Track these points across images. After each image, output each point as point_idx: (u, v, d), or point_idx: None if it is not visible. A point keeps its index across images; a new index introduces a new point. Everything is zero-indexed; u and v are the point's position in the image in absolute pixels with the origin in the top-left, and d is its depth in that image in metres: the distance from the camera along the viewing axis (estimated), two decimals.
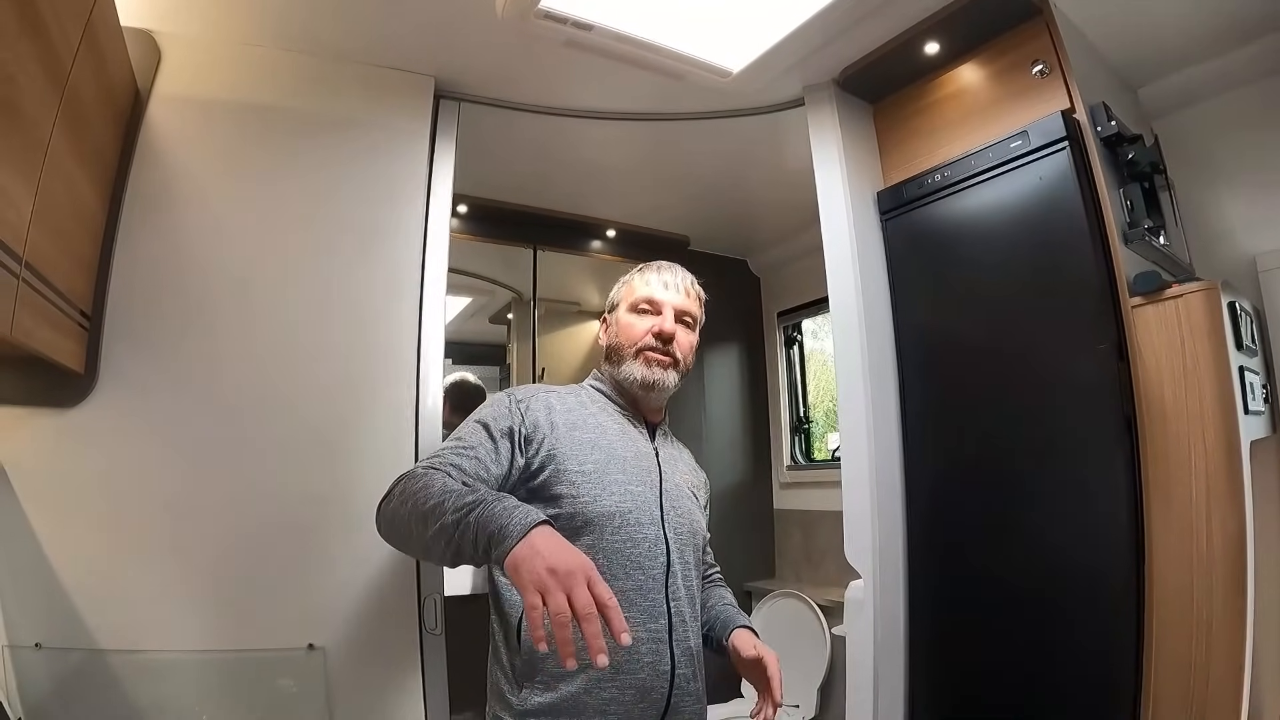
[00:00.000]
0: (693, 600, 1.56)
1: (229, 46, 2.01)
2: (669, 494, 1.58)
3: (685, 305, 1.69)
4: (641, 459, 1.59)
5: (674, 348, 1.64)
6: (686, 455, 1.82)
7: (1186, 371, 1.73)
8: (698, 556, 1.63)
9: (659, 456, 1.64)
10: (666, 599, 1.48)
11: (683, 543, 1.56)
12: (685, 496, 1.63)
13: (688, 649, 1.50)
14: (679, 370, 1.66)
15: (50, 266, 1.42)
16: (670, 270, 1.72)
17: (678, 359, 1.65)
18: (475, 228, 3.29)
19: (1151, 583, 1.71)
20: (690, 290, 1.72)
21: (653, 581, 1.47)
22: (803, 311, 4.02)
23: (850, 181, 2.28)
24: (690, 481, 1.71)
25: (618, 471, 1.52)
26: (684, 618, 1.51)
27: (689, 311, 1.70)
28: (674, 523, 1.55)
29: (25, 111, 1.26)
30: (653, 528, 1.50)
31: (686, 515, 1.60)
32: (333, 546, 1.84)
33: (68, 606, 1.60)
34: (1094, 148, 1.89)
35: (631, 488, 1.51)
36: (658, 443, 1.68)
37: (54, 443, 1.67)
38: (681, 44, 2.08)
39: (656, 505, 1.54)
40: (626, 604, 1.40)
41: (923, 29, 2.09)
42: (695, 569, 1.61)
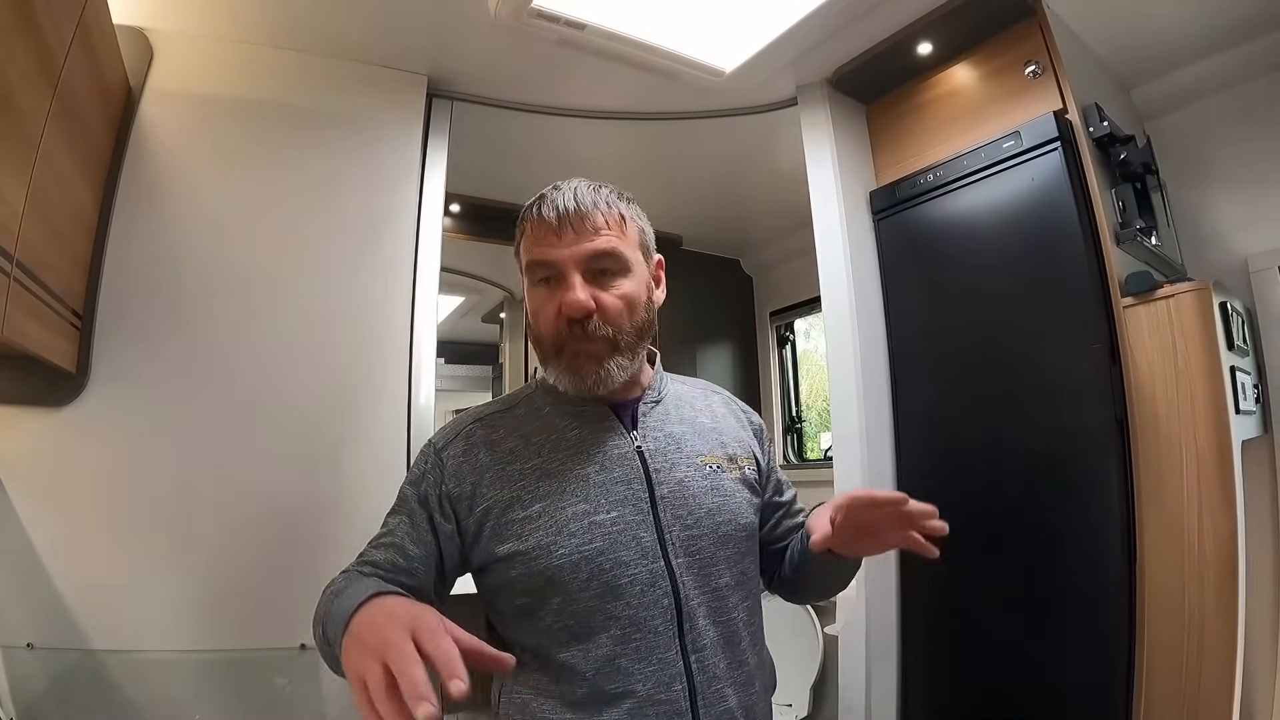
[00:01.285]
0: (732, 640, 1.15)
1: (221, 44, 2.00)
2: (669, 499, 1.14)
3: (599, 245, 1.12)
4: (615, 466, 1.16)
5: (595, 325, 1.11)
6: (711, 405, 1.32)
7: (1178, 371, 1.73)
8: (744, 560, 1.20)
9: (644, 451, 1.17)
10: (683, 653, 1.09)
11: (706, 561, 1.14)
12: (703, 486, 1.18)
13: (726, 713, 1.11)
14: (623, 346, 1.14)
15: (42, 265, 1.41)
16: (562, 195, 1.15)
17: (611, 336, 1.13)
18: (467, 226, 3.28)
19: (1143, 582, 1.72)
20: (600, 212, 1.14)
21: (656, 637, 1.09)
22: (795, 311, 4.02)
23: (843, 181, 2.28)
24: (716, 450, 1.23)
25: (576, 500, 1.12)
26: (715, 672, 1.11)
27: (606, 250, 1.13)
28: (684, 539, 1.13)
29: (17, 108, 1.26)
30: (644, 563, 1.10)
31: (708, 515, 1.16)
32: (325, 544, 1.84)
33: (60, 606, 1.60)
34: (1086, 148, 1.89)
35: (599, 517, 1.11)
36: (644, 426, 1.20)
37: (45, 442, 1.67)
38: (674, 43, 2.08)
39: (647, 526, 1.12)
40: (622, 674, 1.08)
41: (916, 29, 2.09)
42: (740, 587, 1.18)
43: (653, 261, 1.25)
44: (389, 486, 1.89)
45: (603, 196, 1.17)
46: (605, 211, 1.15)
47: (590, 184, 1.18)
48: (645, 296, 1.18)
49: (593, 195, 1.15)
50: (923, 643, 2.13)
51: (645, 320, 1.18)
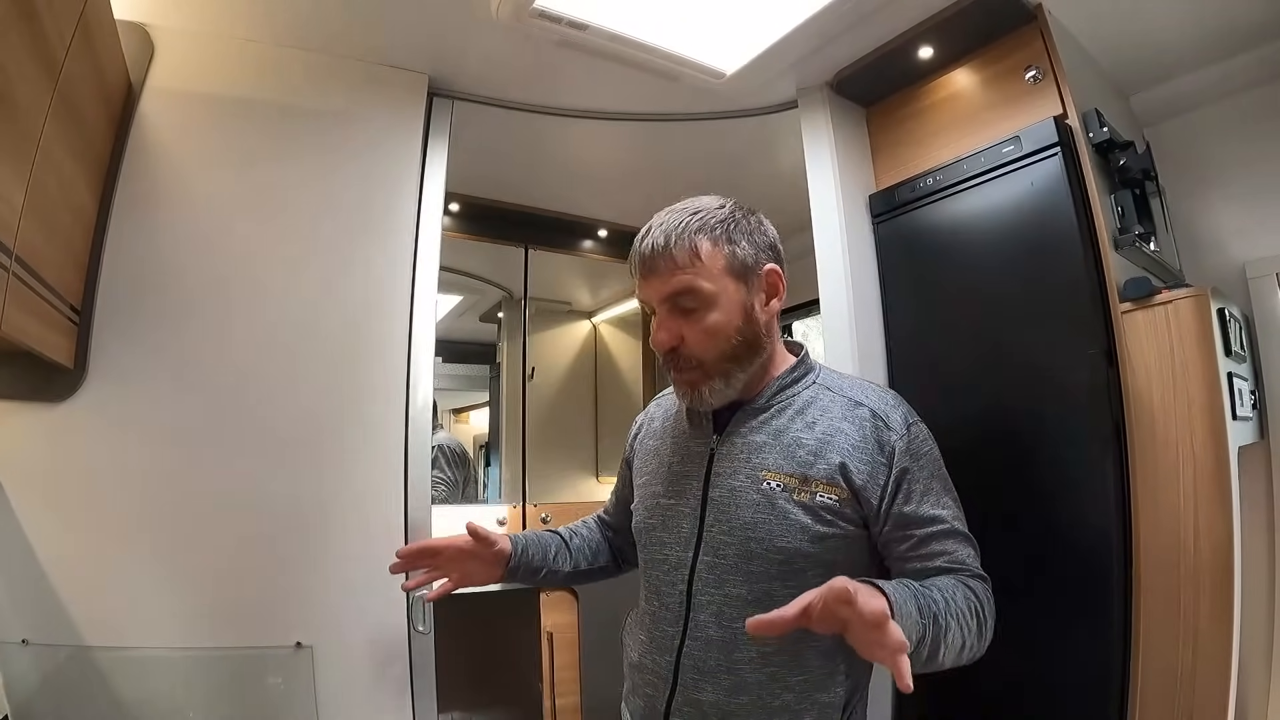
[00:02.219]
0: (730, 646, 1.22)
1: (223, 41, 2.00)
2: (716, 502, 1.27)
3: (676, 284, 1.23)
4: (690, 461, 1.34)
5: (683, 358, 1.26)
6: (834, 419, 1.30)
7: (1175, 377, 1.73)
8: (773, 582, 1.22)
9: (714, 456, 1.31)
10: (683, 635, 1.26)
11: (727, 568, 1.23)
12: (752, 499, 1.24)
13: (696, 702, 1.23)
14: (715, 372, 1.26)
15: (40, 260, 1.41)
16: (650, 235, 1.28)
17: (700, 364, 1.26)
18: (467, 226, 3.28)
19: (1139, 587, 1.72)
20: (670, 257, 1.24)
21: (668, 611, 1.29)
22: (793, 313, 4.00)
23: (842, 184, 2.28)
24: (790, 467, 1.25)
25: (658, 480, 1.38)
26: (700, 665, 1.24)
27: (681, 290, 1.23)
28: (717, 541, 1.25)
29: (17, 103, 1.25)
30: (677, 548, 1.29)
31: (743, 527, 1.23)
32: (321, 544, 1.84)
33: (55, 602, 1.59)
34: (1086, 154, 1.89)
35: (663, 500, 1.34)
36: (730, 431, 1.32)
37: (42, 438, 1.66)
38: (676, 45, 2.08)
39: (692, 519, 1.29)
40: (644, 627, 1.36)
41: (917, 34, 2.09)
42: (758, 604, 1.17)
43: (757, 276, 1.30)
44: (387, 484, 1.91)
45: (683, 231, 1.25)
46: (683, 248, 1.24)
47: (679, 217, 1.28)
48: (738, 322, 1.26)
49: (672, 233, 1.25)
50: None
51: (741, 343, 1.26)
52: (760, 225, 1.36)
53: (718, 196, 1.36)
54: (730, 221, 1.29)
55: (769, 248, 1.34)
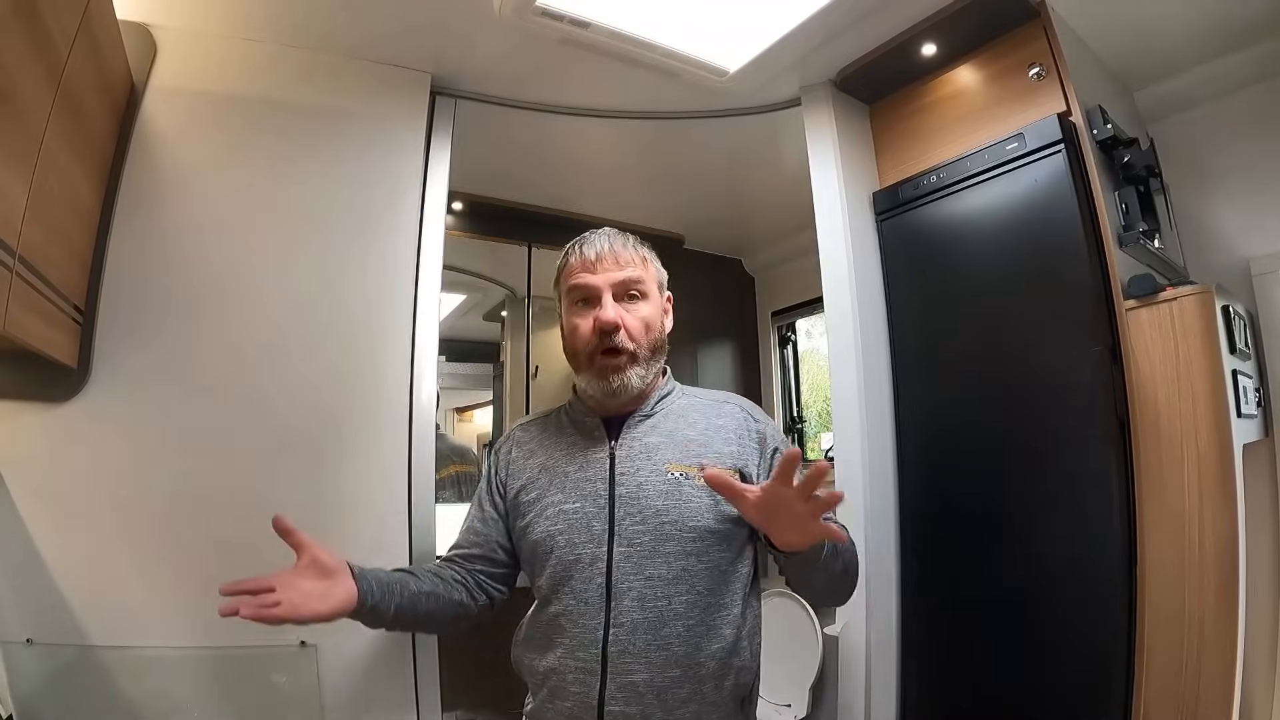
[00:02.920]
0: (658, 624, 1.33)
1: (225, 40, 2.00)
2: (625, 498, 1.39)
3: (627, 275, 1.45)
4: (590, 467, 1.44)
5: (621, 339, 1.41)
6: (710, 419, 1.50)
7: (1180, 374, 1.73)
8: (690, 559, 1.36)
9: (616, 456, 1.44)
10: (606, 625, 1.34)
11: (646, 553, 1.35)
12: (659, 490, 1.39)
13: (629, 685, 1.31)
14: (641, 359, 1.44)
15: (44, 260, 1.41)
16: (597, 238, 1.48)
17: (632, 350, 1.43)
18: (470, 224, 3.28)
19: (1144, 584, 1.72)
20: (627, 252, 1.47)
21: (585, 606, 1.35)
22: (797, 311, 4.02)
23: (846, 182, 2.28)
24: (687, 460, 1.42)
25: (557, 490, 1.44)
26: (629, 649, 1.32)
27: (632, 280, 1.45)
28: (631, 532, 1.36)
29: (20, 103, 1.26)
30: (589, 546, 1.37)
31: (655, 514, 1.37)
32: (326, 541, 1.83)
33: (59, 602, 1.59)
34: (1090, 151, 1.89)
35: (567, 506, 1.41)
36: (625, 436, 1.46)
37: (46, 437, 1.66)
38: (678, 43, 2.07)
39: (602, 518, 1.38)
40: (559, 631, 1.38)
41: (920, 31, 2.09)
42: (681, 581, 1.35)
43: (664, 296, 1.56)
44: (391, 483, 1.91)
45: (628, 241, 1.50)
46: (631, 251, 1.49)
47: (617, 233, 1.51)
48: (659, 321, 1.51)
49: (621, 239, 1.50)
50: (922, 643, 2.13)
51: (659, 340, 1.50)
52: None
53: None
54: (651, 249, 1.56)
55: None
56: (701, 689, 1.34)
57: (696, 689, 1.34)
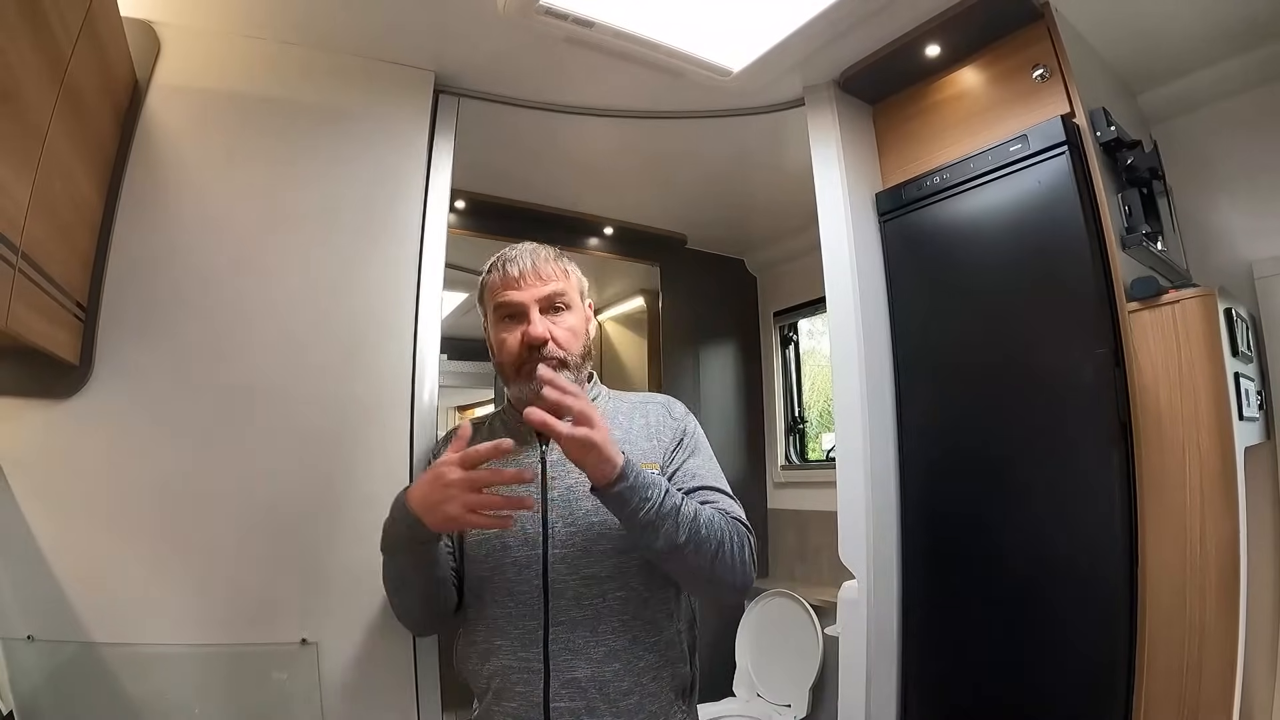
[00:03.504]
0: (595, 621, 1.39)
1: (229, 38, 2.00)
2: (557, 501, 1.44)
3: (550, 289, 1.50)
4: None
5: (550, 349, 1.47)
6: (633, 420, 1.56)
7: (1182, 377, 1.73)
8: (623, 556, 1.41)
9: (547, 460, 1.47)
10: (545, 624, 1.38)
11: (579, 553, 1.40)
12: (588, 491, 1.34)
13: (572, 681, 1.36)
14: (570, 365, 1.49)
15: (46, 257, 1.41)
16: (519, 255, 1.52)
17: (562, 356, 1.47)
18: (472, 223, 3.28)
19: (1145, 586, 1.72)
20: (548, 267, 1.52)
21: (523, 607, 1.40)
22: (799, 311, 4.02)
23: (849, 182, 2.28)
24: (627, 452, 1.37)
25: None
26: (569, 645, 1.37)
27: (556, 293, 1.50)
28: (565, 534, 1.41)
29: (23, 100, 1.26)
30: (525, 549, 1.42)
31: (585, 515, 1.42)
32: (326, 540, 1.84)
33: (61, 599, 1.60)
34: (1093, 152, 1.89)
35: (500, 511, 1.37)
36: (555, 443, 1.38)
37: (48, 434, 1.66)
38: (682, 42, 2.08)
39: (535, 521, 1.42)
40: (499, 632, 1.42)
41: (924, 31, 2.09)
42: (616, 579, 1.41)
43: (586, 304, 1.62)
44: (392, 481, 1.91)
45: (549, 255, 1.55)
46: (554, 266, 1.54)
47: (537, 247, 1.56)
48: (584, 329, 1.57)
49: (544, 254, 1.55)
50: (923, 644, 2.13)
51: (586, 347, 1.56)
52: None
53: None
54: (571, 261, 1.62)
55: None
56: (641, 680, 1.40)
57: (636, 681, 1.40)
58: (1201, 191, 2.34)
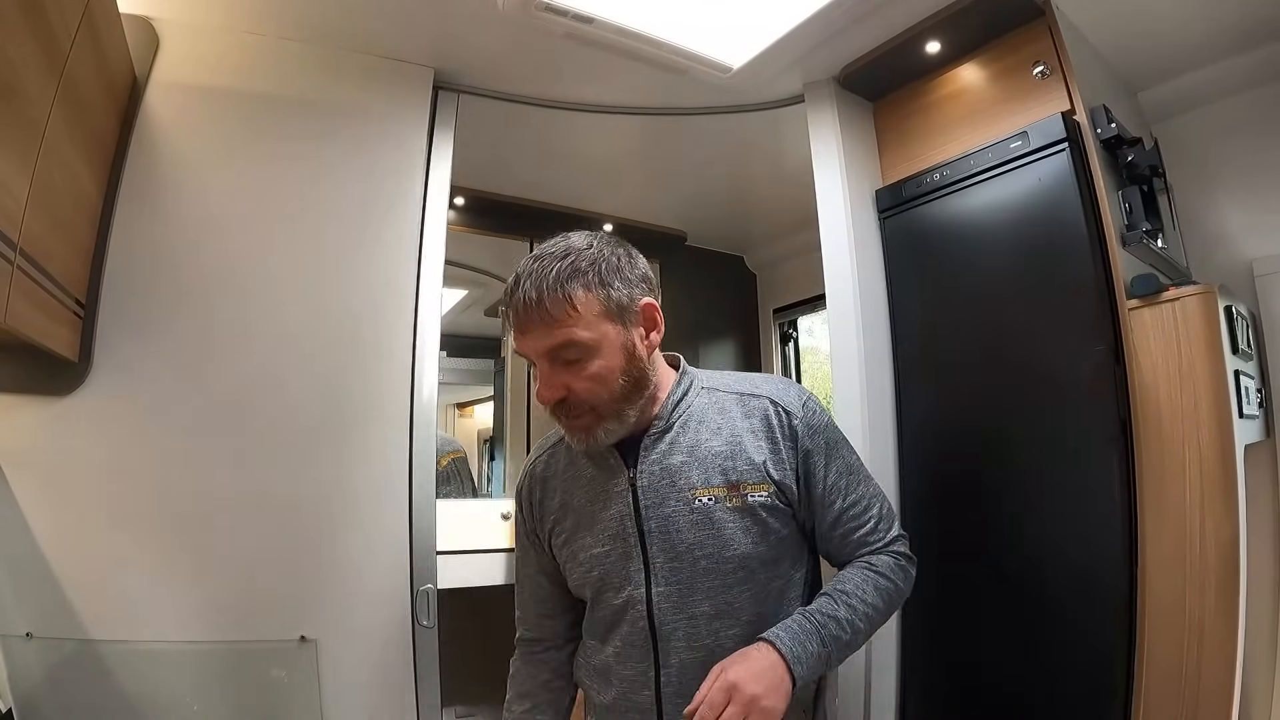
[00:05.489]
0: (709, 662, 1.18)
1: (227, 34, 1.99)
2: (655, 533, 1.26)
3: (557, 339, 1.19)
4: (613, 502, 1.29)
5: (573, 406, 1.23)
6: (734, 420, 1.32)
7: (1182, 375, 1.73)
8: (732, 591, 1.25)
9: (638, 487, 1.28)
10: (656, 666, 1.26)
11: (686, 590, 1.24)
12: (689, 520, 1.25)
13: None
14: (607, 414, 1.24)
15: (45, 253, 1.41)
16: (517, 295, 1.21)
17: (592, 408, 1.23)
18: (472, 220, 3.27)
19: (1144, 584, 1.72)
20: (545, 311, 1.18)
21: (632, 649, 1.28)
22: (799, 309, 4.01)
23: (849, 179, 2.28)
24: (715, 479, 1.27)
25: (584, 532, 1.32)
26: (682, 689, 1.22)
27: (564, 343, 1.19)
28: (668, 569, 1.25)
29: (22, 95, 1.25)
30: (628, 588, 1.27)
31: (688, 549, 1.24)
32: (325, 537, 1.84)
33: (59, 596, 1.60)
34: (1094, 150, 1.89)
35: (597, 550, 1.29)
36: (644, 461, 1.29)
37: (47, 431, 1.67)
38: (682, 39, 2.07)
39: (635, 557, 1.26)
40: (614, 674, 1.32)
41: (924, 28, 2.09)
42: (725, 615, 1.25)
43: (634, 314, 1.26)
44: (391, 478, 1.91)
45: (555, 282, 1.18)
46: (558, 301, 1.18)
47: (549, 264, 1.20)
48: (621, 362, 1.23)
49: (544, 285, 1.18)
50: (923, 641, 2.13)
51: (628, 383, 1.24)
52: (631, 260, 1.30)
53: (585, 233, 1.29)
54: (601, 262, 1.23)
55: (642, 280, 1.29)
56: None
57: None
58: (1202, 190, 2.34)
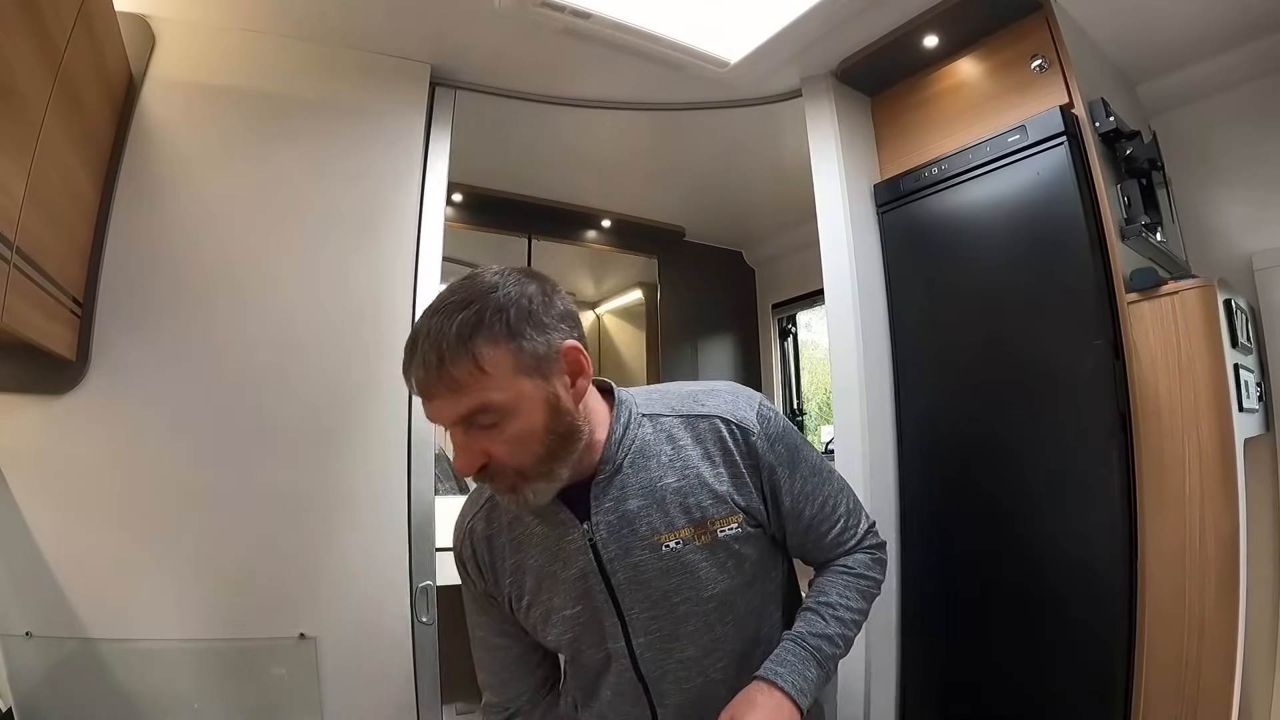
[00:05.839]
0: (706, 699, 1.18)
1: (224, 31, 1.99)
2: (625, 586, 1.16)
3: (466, 405, 1.03)
4: (573, 561, 1.17)
5: (495, 470, 1.07)
6: (686, 450, 1.19)
7: (1182, 368, 1.73)
8: (717, 627, 1.20)
9: (596, 543, 1.15)
10: (651, 708, 1.21)
11: (668, 638, 1.18)
12: (659, 568, 1.15)
13: None
14: (535, 475, 1.07)
15: (42, 252, 1.41)
16: (414, 359, 1.07)
17: (517, 470, 1.07)
18: (469, 216, 3.27)
19: (1144, 578, 1.72)
20: (449, 376, 1.02)
21: (622, 697, 1.22)
22: (798, 304, 4.02)
23: (847, 174, 2.27)
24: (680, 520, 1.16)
25: (550, 594, 1.20)
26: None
27: (475, 409, 1.03)
28: (645, 620, 1.17)
29: (17, 94, 1.25)
30: (609, 644, 1.19)
31: (664, 597, 1.16)
32: (324, 535, 1.84)
33: (59, 595, 1.60)
34: (1092, 143, 1.89)
35: (567, 611, 1.19)
36: (598, 510, 1.16)
37: (45, 430, 1.66)
38: (680, 34, 2.07)
39: (609, 613, 1.17)
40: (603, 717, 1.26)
41: (922, 22, 2.08)
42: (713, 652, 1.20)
43: (554, 362, 1.08)
44: (390, 477, 1.91)
45: (458, 341, 1.01)
46: (463, 363, 1.01)
47: (449, 320, 1.03)
48: (545, 420, 1.06)
49: (445, 346, 1.02)
50: (922, 635, 2.13)
51: (555, 439, 1.07)
52: (546, 299, 1.11)
53: (493, 271, 1.11)
54: (509, 308, 1.05)
55: (561, 321, 1.11)
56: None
57: None
58: (1201, 183, 2.34)
